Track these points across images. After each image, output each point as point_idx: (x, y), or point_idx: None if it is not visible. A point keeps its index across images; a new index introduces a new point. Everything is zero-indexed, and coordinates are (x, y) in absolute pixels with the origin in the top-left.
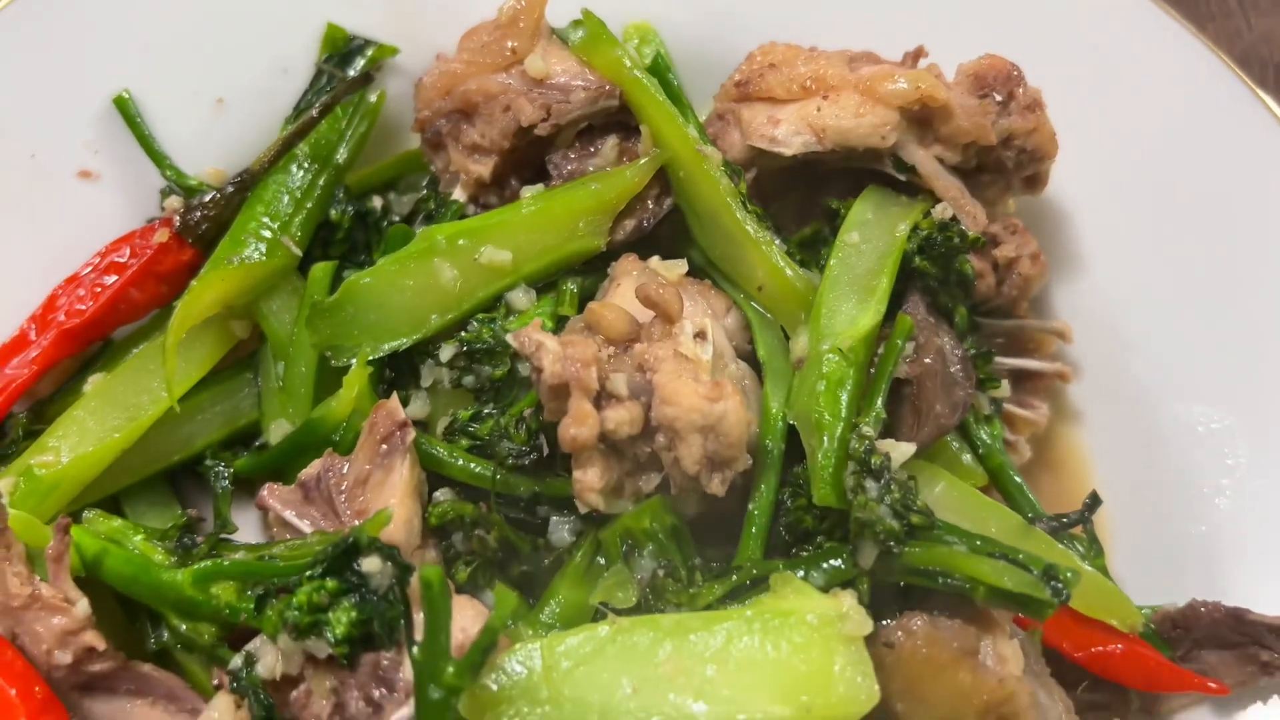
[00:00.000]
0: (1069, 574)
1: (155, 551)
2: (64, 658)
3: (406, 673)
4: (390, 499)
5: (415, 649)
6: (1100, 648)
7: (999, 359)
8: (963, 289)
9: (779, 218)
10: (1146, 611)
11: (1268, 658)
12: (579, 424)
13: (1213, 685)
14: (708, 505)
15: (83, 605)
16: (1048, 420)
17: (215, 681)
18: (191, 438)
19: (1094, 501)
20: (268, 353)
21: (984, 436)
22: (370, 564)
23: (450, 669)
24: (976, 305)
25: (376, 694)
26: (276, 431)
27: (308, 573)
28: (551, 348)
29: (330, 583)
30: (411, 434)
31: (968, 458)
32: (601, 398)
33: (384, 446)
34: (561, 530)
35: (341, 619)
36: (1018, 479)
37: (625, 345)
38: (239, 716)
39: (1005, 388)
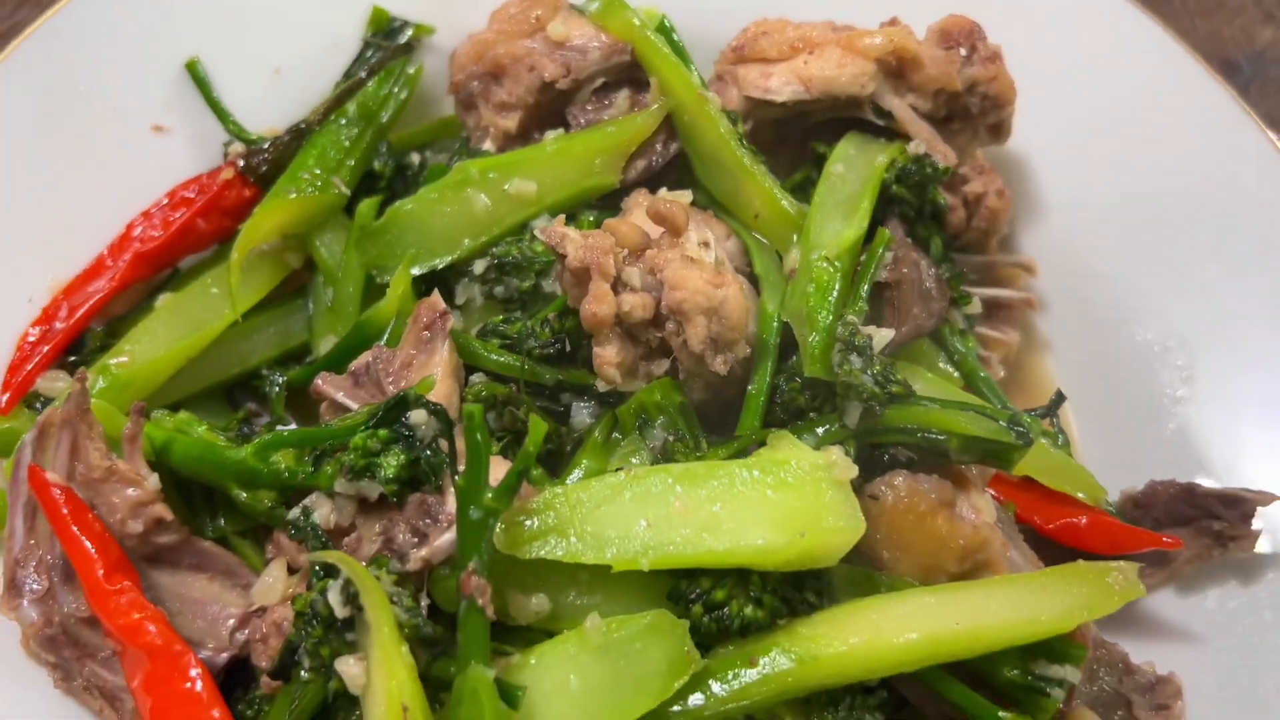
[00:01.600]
0: (1031, 422)
1: (217, 438)
2: (135, 527)
3: (449, 506)
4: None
5: (457, 478)
6: (1068, 520)
7: (971, 290)
8: (936, 221)
9: (772, 169)
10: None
11: (1220, 527)
12: (598, 303)
13: (1167, 540)
14: (711, 393)
15: (154, 480)
16: (1017, 343)
17: (268, 555)
18: (248, 354)
19: (1059, 398)
20: (318, 280)
21: (959, 346)
22: (417, 416)
23: (489, 494)
24: (950, 240)
25: (422, 524)
26: (325, 346)
27: (362, 428)
28: (574, 237)
29: (382, 432)
30: (451, 320)
31: (944, 366)
32: (618, 286)
33: (426, 333)
34: (582, 413)
35: (391, 462)
36: (991, 381)
37: (638, 253)
38: (291, 582)
39: (977, 304)
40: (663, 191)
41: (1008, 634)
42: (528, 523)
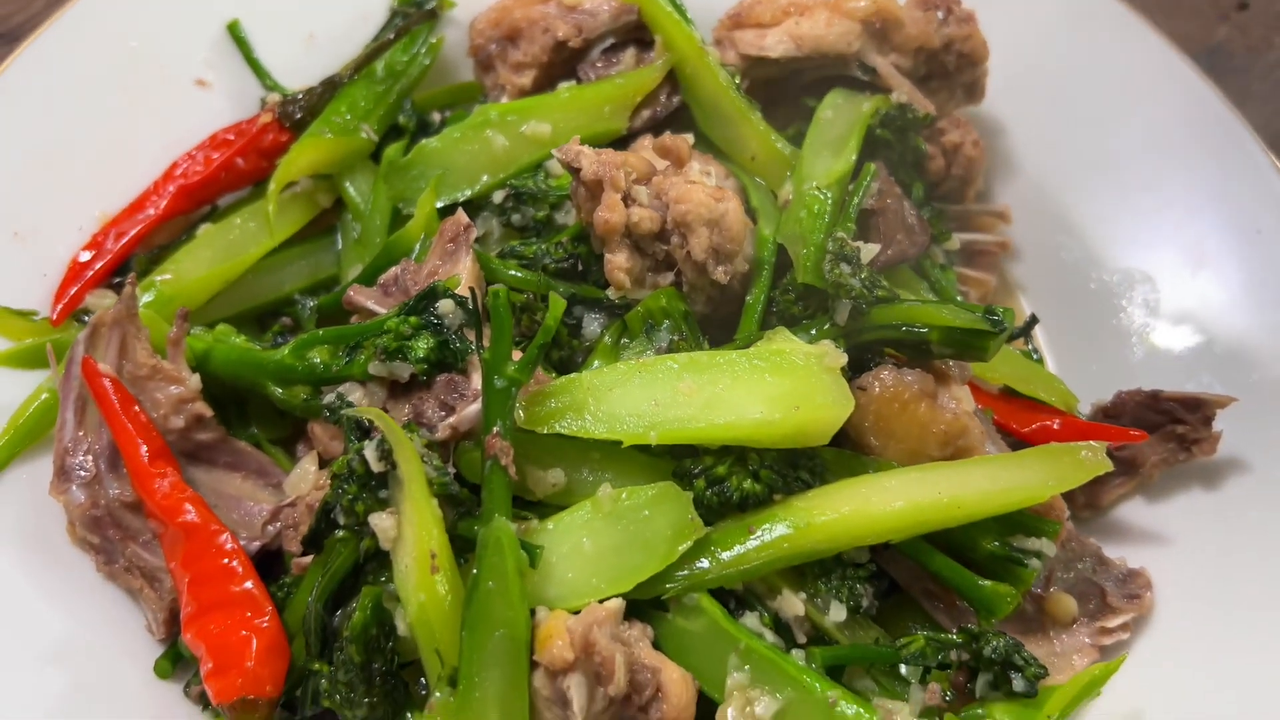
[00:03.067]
0: (1005, 311)
1: (253, 346)
2: (177, 422)
3: (474, 384)
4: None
5: (483, 352)
6: (1042, 423)
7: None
8: (918, 169)
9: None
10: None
11: (1183, 431)
12: (610, 210)
13: (1134, 433)
14: (712, 308)
15: (195, 379)
16: (993, 285)
17: (300, 452)
18: (281, 283)
19: (1032, 320)
20: (347, 218)
21: (939, 278)
22: (445, 305)
23: (512, 366)
24: (930, 187)
25: (449, 399)
26: (353, 274)
27: (394, 317)
28: (588, 153)
29: (413, 319)
30: (474, 232)
31: (927, 294)
32: (627, 201)
33: (450, 245)
34: (593, 324)
35: (421, 344)
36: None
37: (645, 180)
38: (321, 475)
39: (956, 241)
40: (665, 136)
41: (986, 503)
42: (546, 404)
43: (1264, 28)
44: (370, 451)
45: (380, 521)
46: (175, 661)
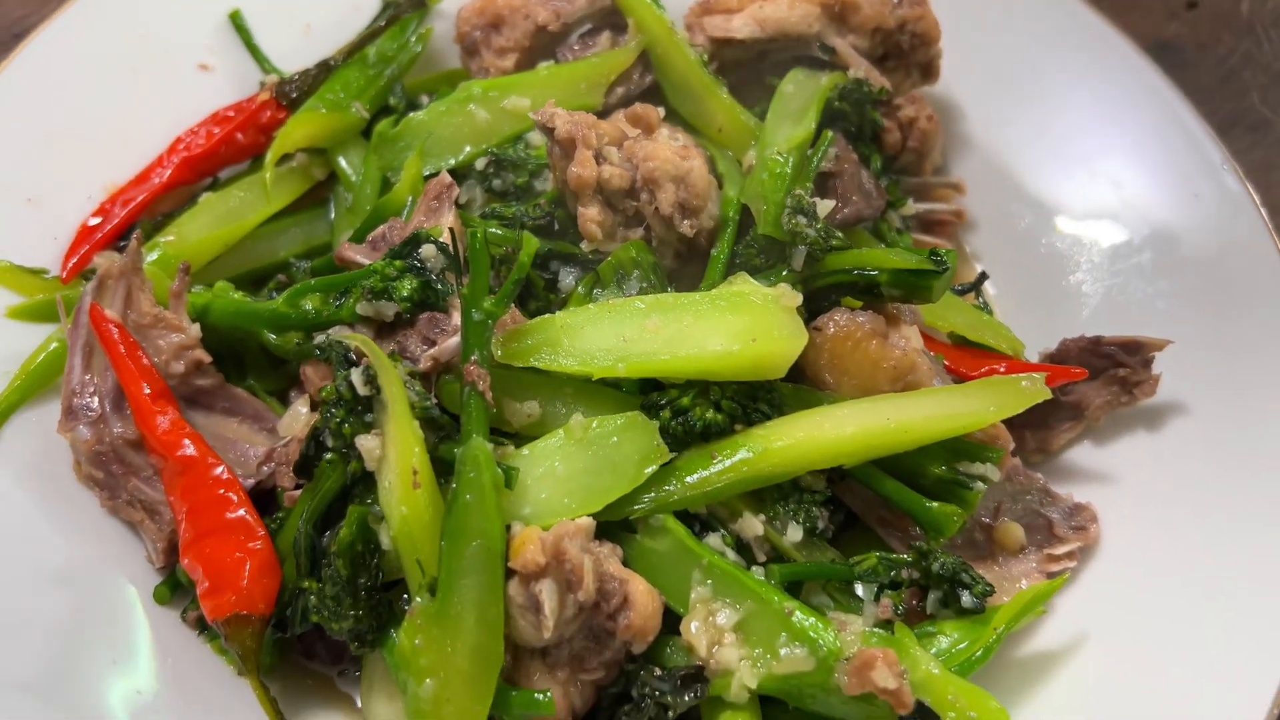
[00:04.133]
0: (948, 252)
1: (249, 300)
2: (178, 367)
3: (454, 320)
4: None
5: (463, 288)
6: (990, 367)
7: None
8: (875, 142)
9: None
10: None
11: (1124, 374)
12: (582, 166)
13: (1075, 370)
14: (680, 264)
15: (195, 328)
16: (950, 248)
17: (292, 397)
18: (276, 249)
19: (982, 276)
20: (339, 189)
21: (896, 242)
22: (427, 250)
23: (489, 301)
24: (888, 160)
25: (431, 334)
26: (345, 239)
27: (380, 262)
28: (562, 113)
29: (398, 263)
30: (456, 190)
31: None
32: (599, 161)
33: (434, 203)
34: (568, 278)
35: (405, 285)
36: None
37: (617, 144)
38: (313, 417)
39: (912, 205)
40: (637, 104)
41: (933, 427)
42: (522, 340)
43: (1212, 25)
44: (357, 376)
45: (366, 442)
46: (174, 589)
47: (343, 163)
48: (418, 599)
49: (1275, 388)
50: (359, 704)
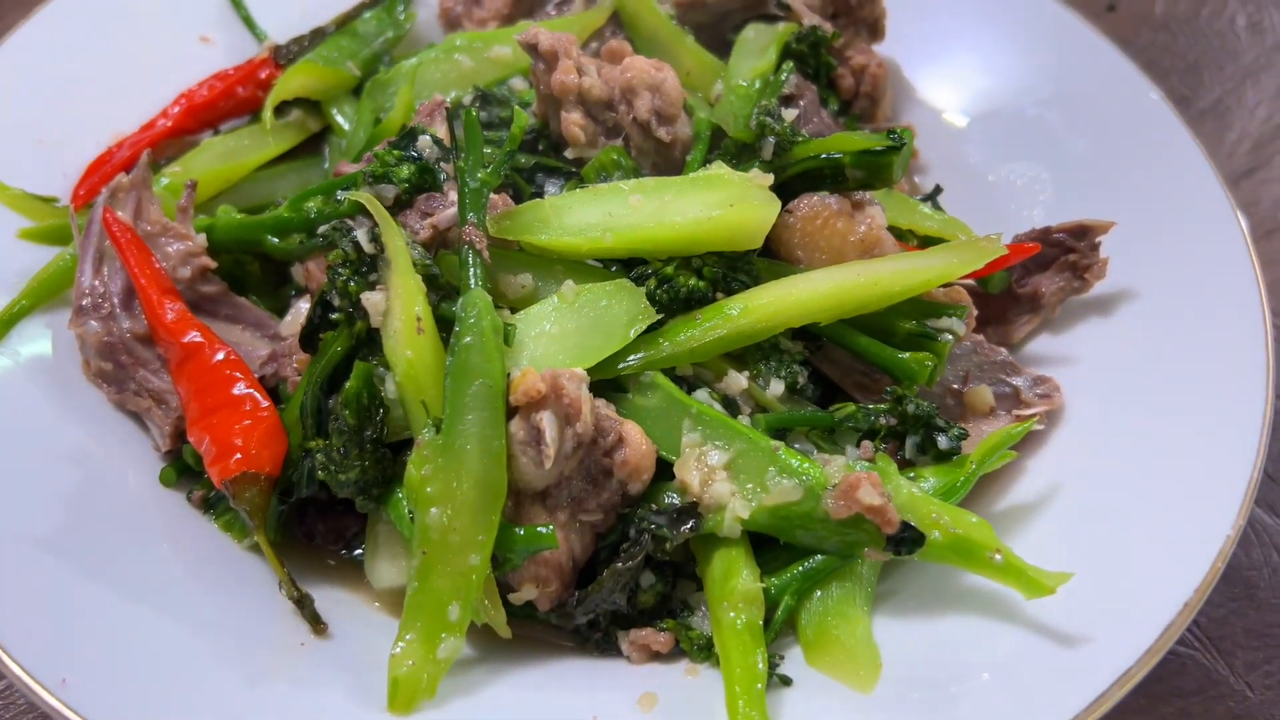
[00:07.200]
0: (903, 130)
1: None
2: (185, 273)
3: (451, 196)
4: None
5: (458, 162)
6: None
7: None
8: (831, 87)
9: None
10: None
11: (1074, 258)
12: (565, 73)
13: (1027, 246)
14: (657, 174)
15: (201, 237)
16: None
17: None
18: (274, 191)
19: (936, 189)
20: (334, 138)
21: None
22: (423, 142)
23: (483, 170)
24: (844, 105)
25: (429, 208)
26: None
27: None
28: (544, 30)
29: (396, 152)
30: (446, 103)
31: None
32: (580, 74)
33: (426, 119)
34: (554, 189)
35: (404, 170)
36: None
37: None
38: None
39: None
40: (611, 40)
41: (902, 280)
42: (515, 219)
43: (1131, 23)
44: (362, 234)
45: (371, 297)
46: (180, 473)
47: (336, 115)
48: (424, 434)
49: (1198, 241)
50: (359, 585)
